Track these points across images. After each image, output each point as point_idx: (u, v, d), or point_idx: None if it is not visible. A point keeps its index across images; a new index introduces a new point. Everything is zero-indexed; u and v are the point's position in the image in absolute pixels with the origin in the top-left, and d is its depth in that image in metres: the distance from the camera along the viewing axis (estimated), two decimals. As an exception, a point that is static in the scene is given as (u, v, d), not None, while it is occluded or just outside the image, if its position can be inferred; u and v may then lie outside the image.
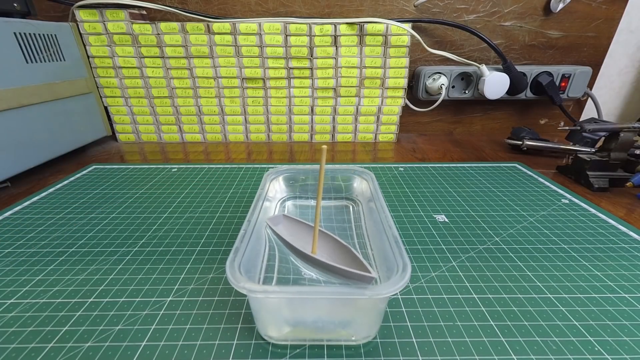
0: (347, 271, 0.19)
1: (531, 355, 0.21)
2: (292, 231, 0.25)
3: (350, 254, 0.22)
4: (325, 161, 0.21)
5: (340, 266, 0.19)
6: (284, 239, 0.22)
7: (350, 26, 0.58)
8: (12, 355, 0.21)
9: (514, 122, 0.74)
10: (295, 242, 0.22)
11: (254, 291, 0.18)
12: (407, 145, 0.66)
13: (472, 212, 0.39)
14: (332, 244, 0.24)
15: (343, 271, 0.20)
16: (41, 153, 0.50)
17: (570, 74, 0.65)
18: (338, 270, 0.20)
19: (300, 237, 0.24)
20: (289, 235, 0.23)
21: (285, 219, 0.26)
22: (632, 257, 0.31)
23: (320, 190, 0.21)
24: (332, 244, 0.24)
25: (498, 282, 0.28)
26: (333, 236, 0.24)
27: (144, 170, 0.51)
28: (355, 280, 0.19)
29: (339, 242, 0.23)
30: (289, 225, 0.25)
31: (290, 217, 0.26)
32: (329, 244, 0.24)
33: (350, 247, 0.23)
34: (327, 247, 0.24)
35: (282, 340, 0.22)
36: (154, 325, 0.23)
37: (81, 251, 0.32)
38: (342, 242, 0.23)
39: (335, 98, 0.64)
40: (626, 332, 0.23)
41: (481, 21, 0.64)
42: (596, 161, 0.45)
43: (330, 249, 0.23)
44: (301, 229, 0.25)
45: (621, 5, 0.64)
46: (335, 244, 0.23)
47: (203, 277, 0.28)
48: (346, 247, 0.23)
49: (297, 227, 0.25)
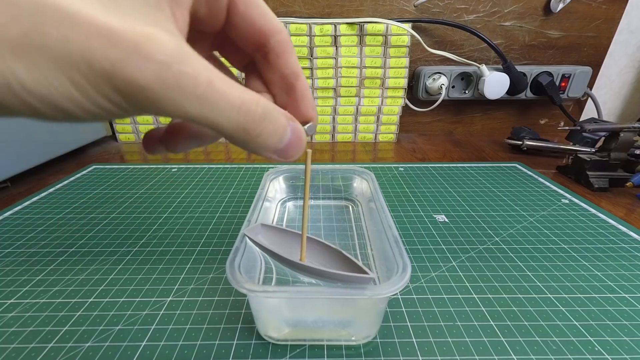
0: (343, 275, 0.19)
1: (531, 355, 0.21)
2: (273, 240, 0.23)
3: (342, 257, 0.22)
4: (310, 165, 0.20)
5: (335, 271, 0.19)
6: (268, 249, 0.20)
7: (350, 26, 0.58)
8: (12, 355, 0.21)
9: (514, 122, 0.74)
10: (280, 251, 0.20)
11: (254, 291, 0.18)
12: (407, 145, 0.66)
13: (472, 212, 0.39)
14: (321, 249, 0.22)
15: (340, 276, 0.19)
16: (41, 153, 0.50)
17: (570, 74, 0.65)
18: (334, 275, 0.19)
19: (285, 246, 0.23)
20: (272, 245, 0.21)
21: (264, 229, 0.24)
22: (632, 257, 0.31)
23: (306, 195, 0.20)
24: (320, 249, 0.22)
25: (498, 282, 0.28)
26: (321, 240, 0.23)
27: (144, 170, 0.51)
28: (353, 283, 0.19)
29: (327, 245, 0.22)
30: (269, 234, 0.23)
31: (270, 226, 0.24)
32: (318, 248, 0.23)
33: (340, 249, 0.22)
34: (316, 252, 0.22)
35: (282, 340, 0.22)
36: (154, 325, 0.23)
37: (81, 251, 0.32)
38: (331, 245, 0.22)
39: (335, 98, 0.64)
40: (626, 332, 0.23)
41: (481, 21, 0.64)
42: (596, 161, 0.45)
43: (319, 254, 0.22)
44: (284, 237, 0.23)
45: (621, 5, 0.64)
46: (324, 248, 0.22)
47: (203, 277, 0.28)
48: (336, 249, 0.22)
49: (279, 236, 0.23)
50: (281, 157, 0.15)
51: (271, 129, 0.14)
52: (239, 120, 0.12)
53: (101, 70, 0.10)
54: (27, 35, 0.09)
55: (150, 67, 0.10)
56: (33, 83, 0.09)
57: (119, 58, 0.10)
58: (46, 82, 0.09)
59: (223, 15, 0.15)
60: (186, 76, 0.11)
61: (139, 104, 0.11)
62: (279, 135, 0.14)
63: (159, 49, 0.10)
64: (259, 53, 0.16)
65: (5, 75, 0.09)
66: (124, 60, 0.10)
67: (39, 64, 0.09)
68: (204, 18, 0.14)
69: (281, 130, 0.14)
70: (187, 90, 0.11)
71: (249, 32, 0.15)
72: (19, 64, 0.09)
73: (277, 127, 0.14)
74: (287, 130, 0.15)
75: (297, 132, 0.15)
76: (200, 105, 0.11)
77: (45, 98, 0.10)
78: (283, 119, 0.14)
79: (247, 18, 0.15)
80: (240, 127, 0.13)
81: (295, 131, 0.15)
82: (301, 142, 0.16)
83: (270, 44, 0.16)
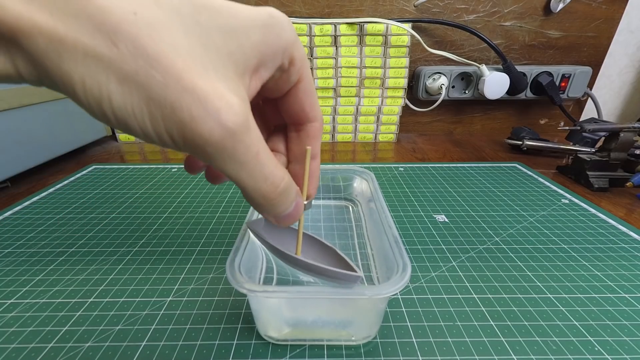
0: (331, 271, 0.19)
1: (531, 355, 0.21)
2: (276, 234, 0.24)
3: (335, 255, 0.22)
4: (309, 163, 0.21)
5: (324, 266, 0.19)
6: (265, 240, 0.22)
7: (350, 26, 0.58)
8: (12, 355, 0.21)
9: (514, 122, 0.74)
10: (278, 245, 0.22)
11: (254, 291, 0.18)
12: (407, 145, 0.66)
13: (472, 212, 0.39)
14: (318, 246, 0.24)
15: (327, 271, 0.20)
16: (41, 153, 0.50)
17: (570, 74, 0.65)
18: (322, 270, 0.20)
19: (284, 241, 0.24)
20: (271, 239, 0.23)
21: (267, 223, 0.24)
22: (632, 257, 0.31)
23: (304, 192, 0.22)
24: (317, 246, 0.24)
25: (498, 282, 0.28)
26: (317, 238, 0.24)
27: (144, 170, 0.51)
28: (340, 279, 0.19)
29: (323, 243, 0.23)
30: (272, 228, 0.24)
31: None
32: (314, 246, 0.24)
33: (335, 247, 0.23)
34: (312, 249, 0.24)
35: (282, 340, 0.22)
36: (154, 325, 0.23)
37: (81, 251, 0.32)
38: (327, 243, 0.23)
39: (335, 98, 0.64)
40: (626, 332, 0.23)
41: (481, 21, 0.64)
42: (596, 161, 0.45)
43: (314, 250, 0.23)
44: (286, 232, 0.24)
45: (621, 5, 0.64)
46: (320, 245, 0.23)
47: (203, 277, 0.28)
48: (331, 248, 0.23)
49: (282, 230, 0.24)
50: (276, 221, 0.18)
51: (283, 202, 0.16)
52: (264, 189, 0.15)
53: (180, 118, 0.12)
54: (137, 73, 0.11)
55: (220, 131, 0.12)
56: (119, 105, 0.11)
57: (200, 115, 0.12)
58: (129, 109, 0.12)
59: (284, 92, 0.17)
60: (242, 145, 0.13)
61: (192, 149, 0.13)
62: (286, 207, 0.17)
63: (233, 118, 0.12)
64: (294, 127, 0.19)
65: (102, 92, 0.11)
66: (202, 118, 0.12)
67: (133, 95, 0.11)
68: (269, 90, 0.17)
69: (290, 204, 0.17)
70: (237, 155, 0.13)
71: (296, 111, 0.18)
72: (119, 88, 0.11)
73: (288, 202, 0.17)
74: (293, 204, 0.17)
75: (298, 208, 0.18)
76: (240, 168, 0.14)
77: (120, 118, 0.12)
78: (294, 196, 0.17)
79: (300, 102, 0.18)
80: (261, 194, 0.15)
81: (297, 207, 0.18)
82: (298, 216, 0.18)
83: (306, 126, 0.19)
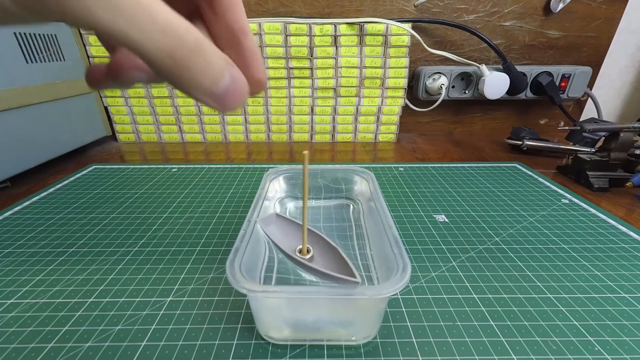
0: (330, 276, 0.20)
1: (531, 355, 0.21)
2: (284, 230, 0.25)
3: (338, 256, 0.22)
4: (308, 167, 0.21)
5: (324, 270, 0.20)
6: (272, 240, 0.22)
7: (350, 26, 0.58)
8: (12, 355, 0.21)
9: (514, 122, 0.74)
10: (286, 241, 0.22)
11: (254, 291, 0.18)
12: (407, 145, 0.66)
13: (472, 212, 0.39)
14: (322, 244, 0.24)
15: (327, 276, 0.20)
16: (41, 153, 0.50)
17: (570, 74, 0.65)
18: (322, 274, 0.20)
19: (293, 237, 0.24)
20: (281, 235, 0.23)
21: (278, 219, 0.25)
22: (632, 257, 0.31)
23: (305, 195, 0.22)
24: (322, 245, 0.24)
25: (498, 282, 0.28)
26: (323, 236, 0.24)
27: (144, 170, 0.51)
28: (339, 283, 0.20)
29: (328, 242, 0.23)
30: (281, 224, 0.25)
31: (283, 217, 0.26)
32: (319, 244, 0.24)
33: (339, 248, 0.23)
34: (317, 247, 0.24)
35: (282, 340, 0.22)
36: (154, 325, 0.23)
37: (81, 251, 0.32)
38: (332, 242, 0.23)
39: (335, 98, 0.64)
40: (626, 332, 0.23)
41: (481, 21, 0.64)
42: (596, 161, 0.45)
43: (319, 250, 0.24)
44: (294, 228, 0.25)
45: (621, 5, 0.64)
46: (325, 244, 0.24)
47: (203, 277, 0.28)
48: (335, 248, 0.23)
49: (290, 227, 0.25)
50: (218, 103, 0.13)
51: (203, 65, 0.12)
52: (164, 42, 0.11)
53: None
54: None
55: None
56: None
57: None
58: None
59: None
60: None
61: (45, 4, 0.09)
62: (213, 75, 0.12)
63: None
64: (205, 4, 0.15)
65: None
66: None
67: None
68: None
69: (217, 70, 0.12)
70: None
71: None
72: None
73: (211, 66, 0.12)
74: (225, 73, 0.13)
75: (238, 80, 0.13)
76: (113, 14, 0.10)
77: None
78: (220, 59, 0.13)
79: None
80: (165, 51, 0.11)
81: (235, 79, 0.13)
82: (242, 92, 0.14)
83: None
